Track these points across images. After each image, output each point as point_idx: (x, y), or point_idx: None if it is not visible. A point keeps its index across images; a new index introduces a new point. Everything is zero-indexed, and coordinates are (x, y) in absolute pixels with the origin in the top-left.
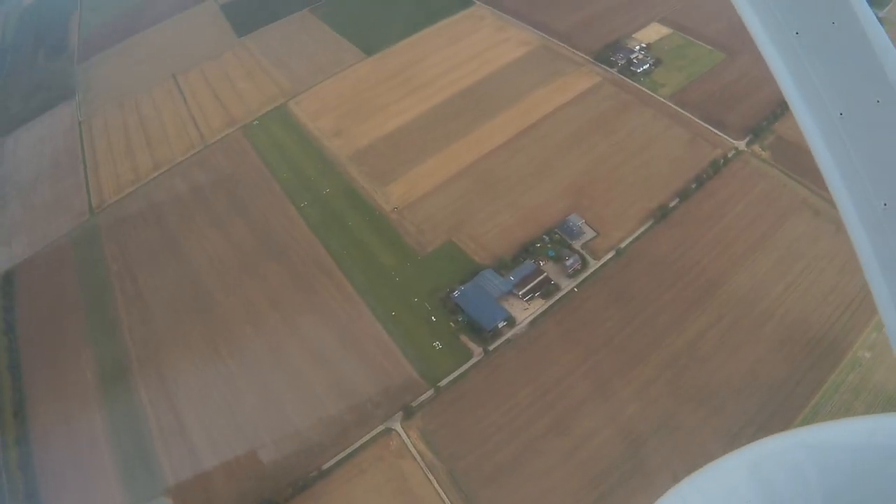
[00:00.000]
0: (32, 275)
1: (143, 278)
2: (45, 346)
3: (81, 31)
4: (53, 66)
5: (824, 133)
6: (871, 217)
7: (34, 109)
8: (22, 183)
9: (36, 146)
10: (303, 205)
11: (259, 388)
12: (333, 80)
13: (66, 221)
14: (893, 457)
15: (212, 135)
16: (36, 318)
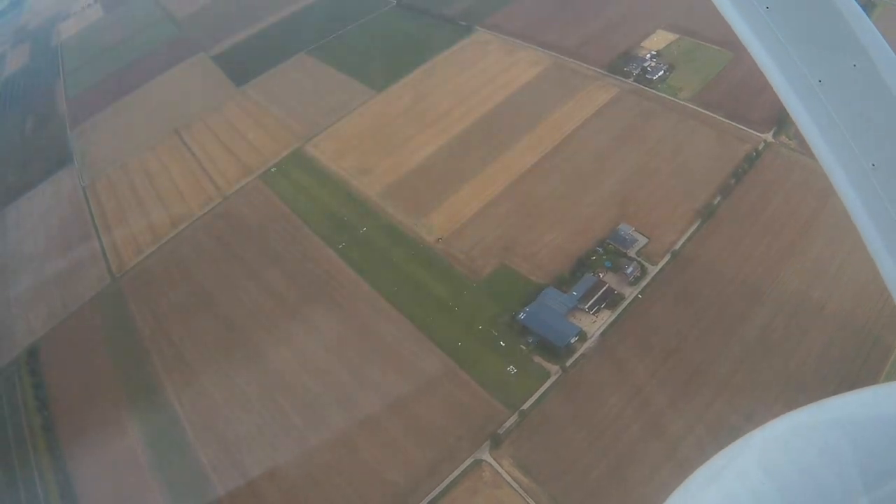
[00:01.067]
0: (58, 348)
1: (179, 338)
2: (84, 423)
3: (68, 96)
4: (45, 133)
5: (806, 103)
6: (861, 179)
7: (32, 179)
8: (32, 254)
9: (40, 215)
10: (341, 246)
11: (333, 443)
12: (348, 120)
13: (85, 289)
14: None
15: (229, 186)
16: (69, 394)
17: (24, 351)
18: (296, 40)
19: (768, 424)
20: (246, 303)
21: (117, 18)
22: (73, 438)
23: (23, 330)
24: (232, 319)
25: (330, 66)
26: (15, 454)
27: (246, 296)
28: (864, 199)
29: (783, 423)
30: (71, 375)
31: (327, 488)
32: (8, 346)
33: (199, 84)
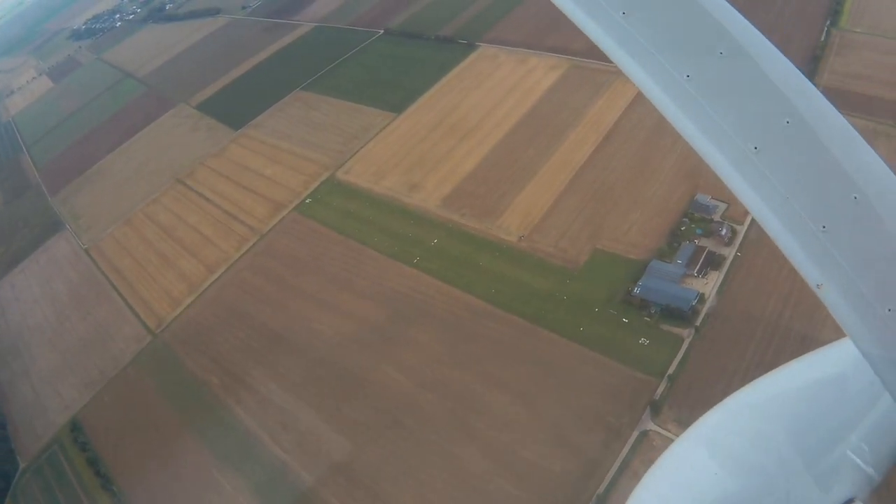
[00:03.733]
0: (105, 416)
1: (259, 383)
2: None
3: (38, 167)
4: (22, 205)
5: (743, 172)
6: (813, 244)
7: (19, 251)
8: (42, 326)
9: (40, 285)
10: (416, 260)
11: (483, 451)
12: (374, 143)
13: (122, 351)
14: (840, 387)
15: (261, 224)
16: (131, 459)
17: (65, 427)
18: (283, 80)
19: (711, 411)
20: (327, 334)
21: (70, 85)
22: None
23: (56, 407)
24: (316, 354)
25: (333, 97)
26: None
27: (324, 327)
28: (818, 263)
29: (725, 407)
30: (129, 440)
31: (497, 497)
32: (42, 427)
33: (188, 132)
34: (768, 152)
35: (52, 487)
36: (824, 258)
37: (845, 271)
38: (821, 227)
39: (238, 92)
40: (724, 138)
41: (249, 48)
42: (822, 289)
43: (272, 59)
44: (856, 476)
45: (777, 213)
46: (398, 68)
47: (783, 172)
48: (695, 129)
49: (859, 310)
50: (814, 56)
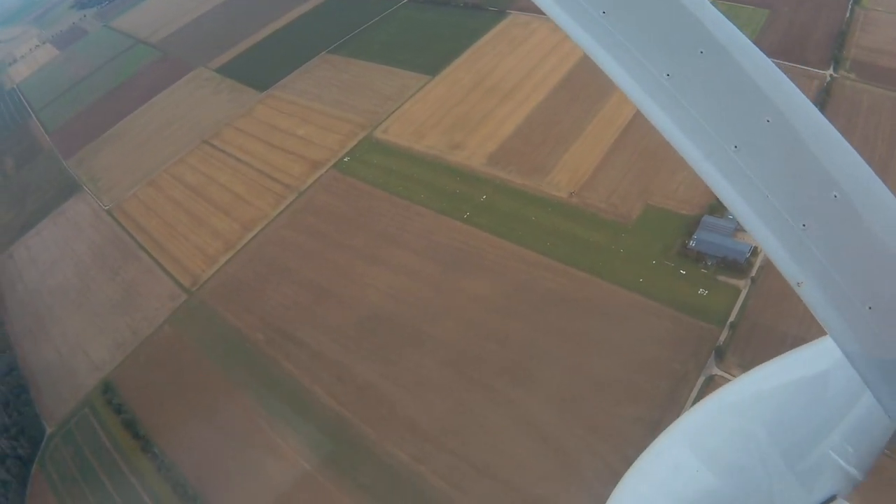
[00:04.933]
0: (141, 376)
1: (309, 338)
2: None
3: (48, 131)
4: (34, 169)
5: (724, 170)
6: (794, 241)
7: (33, 214)
8: (65, 287)
9: (59, 246)
10: (466, 215)
11: (552, 400)
12: (411, 104)
13: (156, 311)
14: (821, 385)
15: (298, 182)
16: (175, 424)
17: (96, 390)
18: (308, 44)
19: (692, 409)
20: (380, 288)
21: (76, 53)
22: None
23: (85, 369)
24: (369, 308)
25: (363, 60)
26: None
27: (376, 282)
28: (797, 260)
29: (707, 405)
30: (170, 400)
31: (567, 444)
32: (70, 390)
33: (210, 95)
34: (748, 150)
35: (84, 452)
36: (805, 256)
37: (826, 269)
38: (801, 224)
39: (260, 55)
40: (705, 136)
41: (268, 14)
42: (802, 286)
43: (293, 25)
44: (837, 474)
45: (757, 211)
46: (428, 33)
47: (763, 171)
48: (675, 127)
49: (840, 308)
50: (840, 32)
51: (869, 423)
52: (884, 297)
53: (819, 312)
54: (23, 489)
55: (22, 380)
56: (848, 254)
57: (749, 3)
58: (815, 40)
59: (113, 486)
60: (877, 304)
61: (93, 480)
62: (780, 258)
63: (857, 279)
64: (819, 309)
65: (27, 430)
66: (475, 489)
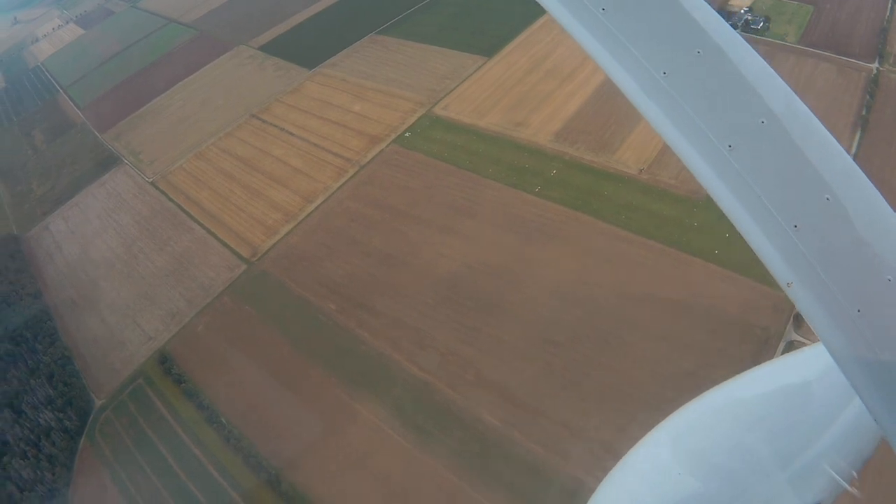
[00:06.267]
0: (201, 347)
1: (385, 307)
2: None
3: (80, 106)
4: (68, 144)
5: (718, 169)
6: (785, 242)
7: (69, 187)
8: (109, 258)
9: (100, 218)
10: (537, 189)
11: (636, 361)
12: (469, 83)
13: (213, 280)
14: (810, 390)
15: (358, 156)
16: (242, 395)
17: (151, 360)
18: (353, 25)
19: (679, 410)
20: (456, 258)
21: (103, 32)
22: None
23: (137, 339)
24: (446, 277)
25: (414, 41)
26: None
27: (451, 251)
28: (789, 262)
29: (689, 410)
30: (235, 370)
31: (655, 404)
32: (121, 361)
33: (254, 71)
34: (743, 151)
35: (140, 423)
36: (795, 257)
37: (816, 271)
38: (793, 225)
39: (303, 35)
40: (700, 135)
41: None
42: (791, 287)
43: (335, 7)
44: (823, 481)
45: (750, 211)
46: (479, 17)
47: (757, 171)
48: (671, 125)
49: (829, 310)
50: (882, 28)
51: (857, 429)
52: (873, 300)
53: (808, 314)
54: (70, 463)
55: (66, 351)
56: (838, 256)
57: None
58: (859, 35)
59: (174, 458)
60: (866, 308)
61: (150, 452)
62: (771, 258)
63: (847, 282)
64: (808, 310)
65: (74, 403)
66: (573, 453)
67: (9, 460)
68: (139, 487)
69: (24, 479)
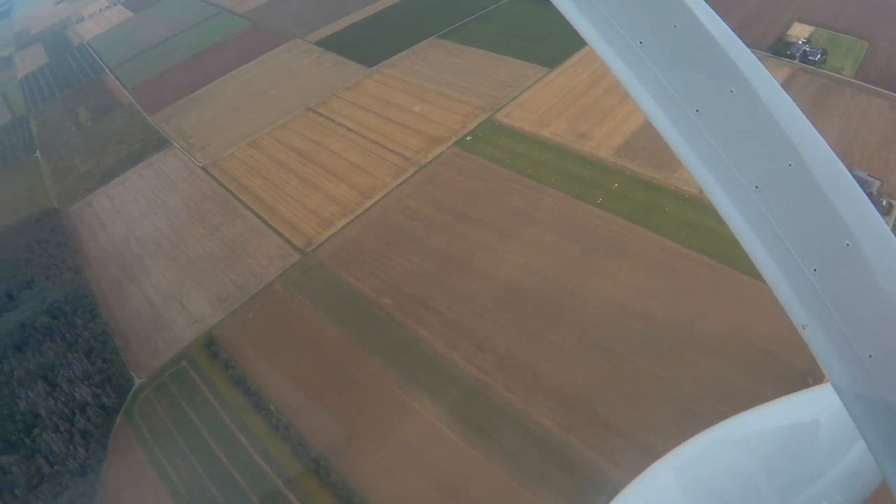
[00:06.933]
0: (250, 333)
1: (443, 305)
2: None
3: (127, 87)
4: (114, 123)
5: (743, 209)
6: (803, 284)
7: (116, 165)
8: (156, 239)
9: (147, 199)
10: (599, 201)
11: (692, 378)
12: (531, 93)
13: (265, 268)
14: (816, 430)
15: (418, 156)
16: (291, 383)
17: (196, 343)
18: (413, 27)
19: (684, 444)
20: (517, 262)
21: (152, 16)
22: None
23: (182, 321)
24: (506, 280)
25: (475, 48)
26: None
27: (512, 256)
28: (805, 305)
29: (698, 441)
30: (285, 358)
31: (712, 419)
32: (165, 342)
33: (311, 65)
34: (768, 192)
35: (182, 406)
36: (812, 299)
37: (831, 314)
38: (812, 269)
39: (362, 33)
40: (728, 175)
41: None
42: (807, 329)
43: (395, 8)
44: None
45: (771, 252)
46: (541, 28)
47: (781, 213)
48: (699, 162)
49: (841, 353)
50: None
51: (859, 471)
52: (885, 346)
53: (820, 356)
54: (105, 439)
55: (107, 327)
56: (854, 301)
57: (850, 33)
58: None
59: (216, 442)
60: (877, 354)
61: (191, 435)
62: (788, 299)
63: (861, 327)
64: (821, 353)
65: (113, 379)
66: (626, 461)
67: (39, 432)
68: (177, 469)
69: (54, 452)
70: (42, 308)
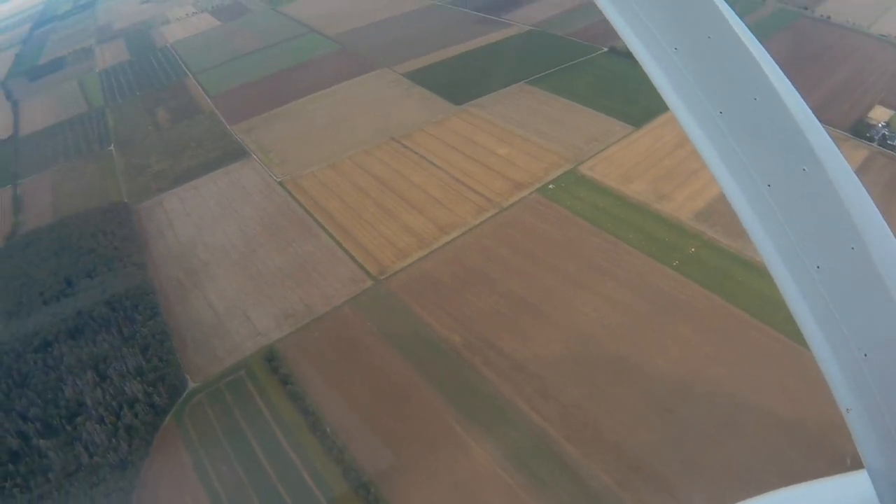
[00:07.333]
0: (313, 353)
1: (511, 349)
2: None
3: (209, 94)
4: (194, 128)
5: (805, 290)
6: (853, 368)
7: (191, 169)
8: (225, 246)
9: (220, 206)
10: (675, 263)
11: (750, 449)
12: (616, 149)
13: (336, 290)
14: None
15: (500, 198)
16: (350, 407)
17: (257, 355)
18: (504, 71)
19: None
20: (590, 315)
21: (240, 28)
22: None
23: (244, 332)
24: (577, 331)
25: (565, 98)
26: None
27: (586, 308)
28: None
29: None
30: (347, 382)
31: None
32: (224, 350)
33: (399, 97)
34: (830, 274)
35: (235, 415)
36: (859, 384)
37: (876, 401)
38: (863, 354)
39: (452, 71)
40: (792, 252)
41: (458, 34)
42: (850, 413)
43: (486, 50)
44: None
45: (826, 333)
46: (629, 86)
47: (842, 299)
48: (766, 237)
49: (881, 441)
50: None
51: None
52: None
53: (859, 441)
54: (150, 438)
55: (165, 327)
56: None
57: None
58: None
59: (266, 456)
60: None
61: (241, 445)
62: (836, 382)
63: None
64: (860, 438)
65: (167, 380)
66: None
67: (83, 421)
68: (221, 477)
69: (95, 443)
70: (101, 298)
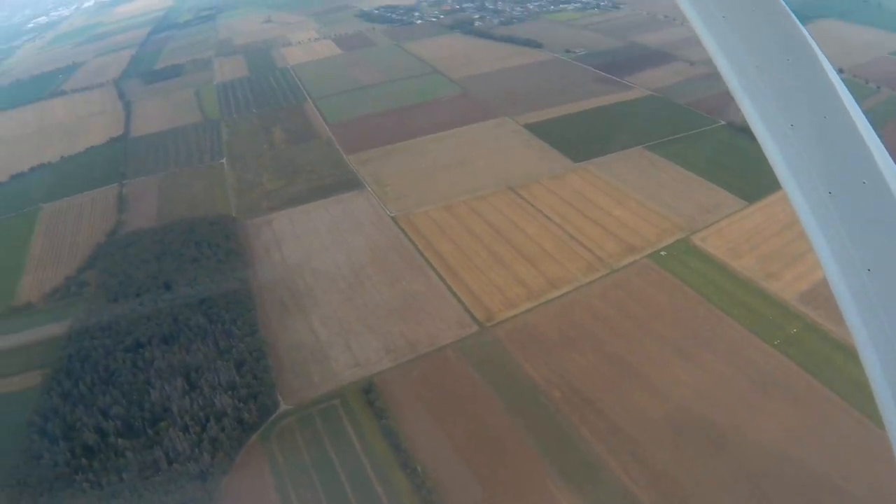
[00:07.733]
0: (412, 391)
1: (609, 409)
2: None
3: (328, 122)
4: (310, 153)
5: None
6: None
7: (304, 193)
8: (333, 273)
9: (331, 233)
10: (776, 342)
11: None
12: (727, 222)
13: (441, 331)
14: None
15: (611, 259)
16: (443, 450)
17: (354, 386)
18: (623, 133)
19: None
20: (690, 384)
21: (363, 59)
22: None
23: (344, 361)
24: (677, 400)
25: (681, 166)
26: None
27: (687, 377)
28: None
29: None
30: (442, 424)
31: None
32: (321, 376)
33: (519, 147)
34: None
35: (324, 442)
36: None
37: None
38: None
39: (572, 127)
40: (885, 342)
41: (580, 91)
42: None
43: (607, 110)
44: None
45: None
46: (744, 161)
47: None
48: (861, 323)
49: None
50: None
51: None
52: None
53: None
54: (234, 453)
55: (264, 345)
56: None
57: None
58: None
59: (352, 489)
60: None
61: (327, 474)
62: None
63: None
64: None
65: (259, 398)
66: None
67: (166, 426)
68: (303, 503)
69: (176, 451)
70: (200, 308)
